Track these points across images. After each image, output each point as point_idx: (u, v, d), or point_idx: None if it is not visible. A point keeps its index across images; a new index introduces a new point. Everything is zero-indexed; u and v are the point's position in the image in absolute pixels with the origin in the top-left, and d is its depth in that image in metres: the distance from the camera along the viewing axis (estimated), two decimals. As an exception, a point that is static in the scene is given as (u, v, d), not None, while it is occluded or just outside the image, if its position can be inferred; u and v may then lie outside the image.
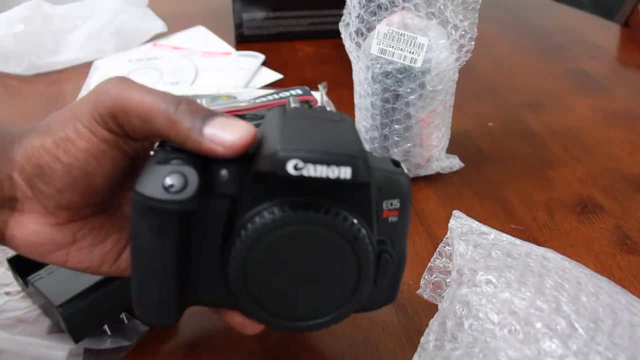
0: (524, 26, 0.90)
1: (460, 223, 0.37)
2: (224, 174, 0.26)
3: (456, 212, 0.38)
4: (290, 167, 0.23)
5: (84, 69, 0.74)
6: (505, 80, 0.73)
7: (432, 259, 0.37)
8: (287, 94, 0.53)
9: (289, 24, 0.83)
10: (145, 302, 0.27)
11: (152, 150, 0.27)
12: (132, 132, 0.27)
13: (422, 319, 0.38)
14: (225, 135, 0.25)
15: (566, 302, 0.30)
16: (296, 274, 0.26)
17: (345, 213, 0.25)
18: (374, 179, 0.27)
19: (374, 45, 0.47)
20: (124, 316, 0.37)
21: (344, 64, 0.53)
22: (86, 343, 0.36)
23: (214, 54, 0.78)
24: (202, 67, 0.74)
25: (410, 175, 0.52)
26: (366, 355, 0.36)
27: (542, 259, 0.33)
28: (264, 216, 0.25)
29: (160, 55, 0.77)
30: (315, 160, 0.23)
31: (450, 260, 0.37)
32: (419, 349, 0.31)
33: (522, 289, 0.30)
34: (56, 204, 0.28)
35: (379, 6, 0.46)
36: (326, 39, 0.83)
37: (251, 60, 0.75)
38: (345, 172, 0.23)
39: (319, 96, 0.59)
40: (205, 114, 0.26)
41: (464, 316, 0.30)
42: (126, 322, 0.37)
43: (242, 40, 0.83)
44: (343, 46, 0.51)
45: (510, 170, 0.55)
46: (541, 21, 0.92)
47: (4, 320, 0.37)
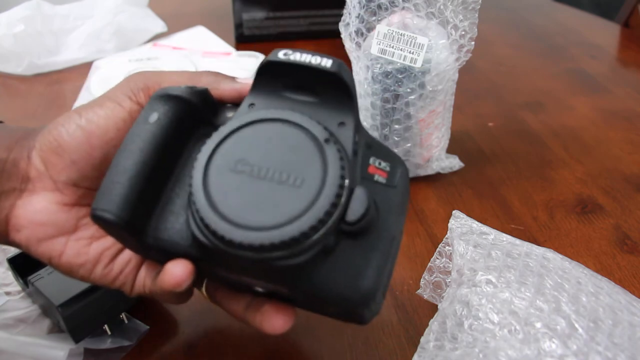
0: (524, 26, 0.90)
1: (460, 223, 0.37)
2: (229, 114, 0.29)
3: (456, 212, 0.38)
4: (281, 54, 0.26)
5: (84, 69, 0.74)
6: (505, 80, 0.73)
7: (432, 259, 0.37)
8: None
9: (289, 24, 0.83)
10: (109, 186, 0.26)
11: None
12: None
13: (422, 319, 0.38)
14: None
15: (566, 302, 0.30)
16: (257, 171, 0.25)
17: (322, 122, 0.26)
18: (363, 132, 0.27)
19: (374, 45, 0.47)
20: (124, 316, 0.37)
21: (344, 64, 0.53)
22: (86, 343, 0.36)
23: (214, 54, 0.78)
24: (202, 67, 0.74)
25: (410, 175, 0.53)
26: (366, 355, 0.36)
27: (542, 259, 0.33)
28: (238, 117, 0.26)
29: (160, 55, 0.77)
30: (303, 51, 0.26)
31: (450, 260, 0.37)
32: (419, 349, 0.31)
33: (522, 289, 0.30)
34: (67, 178, 0.28)
35: (379, 6, 0.46)
36: (326, 39, 0.83)
37: (251, 60, 0.75)
38: (326, 62, 0.26)
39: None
40: (231, 76, 0.30)
41: (463, 316, 0.30)
42: (126, 322, 0.37)
43: (242, 40, 0.83)
44: (343, 46, 0.51)
45: (510, 170, 0.55)
46: (541, 21, 0.92)
47: (4, 320, 0.37)
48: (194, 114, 0.28)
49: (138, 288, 0.30)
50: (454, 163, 0.54)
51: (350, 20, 0.49)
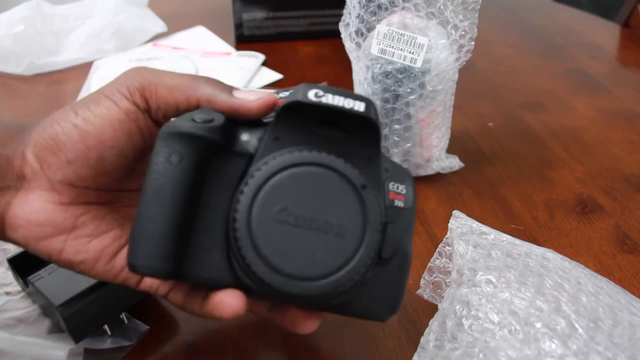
0: (524, 26, 0.90)
1: (460, 223, 0.37)
2: (245, 137, 0.28)
3: (456, 212, 0.38)
4: (311, 95, 0.26)
5: (84, 69, 0.74)
6: (505, 80, 0.73)
7: (432, 259, 0.37)
8: (287, 94, 0.53)
9: (289, 24, 0.83)
10: (143, 239, 0.26)
11: None
12: (155, 105, 0.28)
13: (422, 319, 0.38)
14: (252, 96, 0.28)
15: (566, 302, 0.30)
16: (301, 221, 0.25)
17: (353, 164, 0.26)
18: (382, 157, 0.28)
19: (374, 45, 0.47)
20: (124, 316, 0.37)
21: (344, 64, 0.53)
22: (86, 343, 0.36)
23: (214, 54, 0.78)
24: (202, 67, 0.74)
25: (410, 175, 0.53)
26: (366, 355, 0.36)
27: (542, 259, 0.33)
28: (272, 159, 0.26)
29: (160, 55, 0.77)
30: (334, 91, 0.26)
31: (450, 260, 0.37)
32: (419, 349, 0.31)
33: (522, 289, 0.30)
34: (63, 177, 0.28)
35: (379, 6, 0.46)
36: (326, 39, 0.83)
37: (251, 61, 0.75)
38: (359, 106, 0.26)
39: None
40: (230, 86, 0.29)
41: (463, 316, 0.30)
42: (126, 322, 0.37)
43: (242, 40, 0.83)
44: (343, 46, 0.51)
45: (510, 170, 0.55)
46: (541, 21, 0.92)
47: (4, 320, 0.37)
48: (213, 148, 0.27)
49: (145, 286, 0.30)
50: (454, 163, 0.54)
51: (350, 20, 0.49)
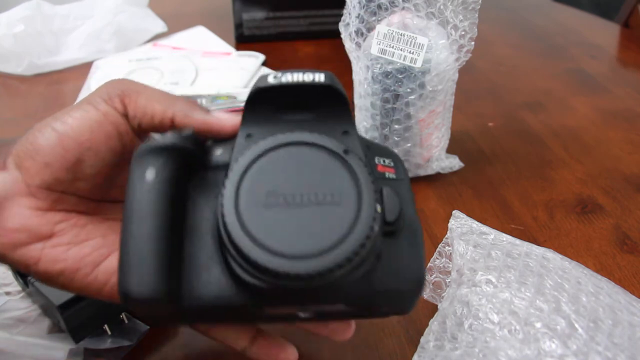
0: (524, 26, 0.90)
1: (460, 223, 0.37)
2: (219, 152, 0.27)
3: (456, 212, 0.38)
4: (270, 78, 0.26)
5: (84, 69, 0.74)
6: (505, 80, 0.73)
7: (432, 259, 0.38)
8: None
9: (289, 24, 0.83)
10: (132, 263, 0.24)
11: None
12: (133, 113, 0.28)
13: (422, 319, 0.38)
14: (227, 116, 0.29)
15: (566, 302, 0.30)
16: (291, 199, 0.24)
17: (330, 136, 0.26)
18: (361, 137, 0.27)
19: (374, 45, 0.47)
20: (124, 316, 0.37)
21: (344, 64, 0.53)
22: (86, 343, 0.36)
23: (214, 54, 0.78)
24: (202, 67, 0.74)
25: (410, 175, 0.53)
26: (366, 355, 0.36)
27: (542, 259, 0.33)
28: (248, 150, 0.25)
29: (160, 56, 0.77)
30: (292, 70, 0.26)
31: (450, 260, 0.37)
32: (419, 349, 0.31)
33: (522, 289, 0.30)
34: (41, 181, 0.27)
35: (379, 6, 0.46)
36: (326, 39, 0.83)
37: (251, 60, 0.75)
38: (319, 77, 0.26)
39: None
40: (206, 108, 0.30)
41: (463, 316, 0.30)
42: (126, 322, 0.37)
43: (242, 40, 0.83)
44: (343, 46, 0.51)
45: (510, 170, 0.55)
46: (541, 21, 0.92)
47: (4, 320, 0.37)
48: (188, 159, 0.26)
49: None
50: (454, 163, 0.54)
51: (350, 20, 0.49)
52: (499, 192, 0.52)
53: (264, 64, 0.75)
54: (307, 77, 0.26)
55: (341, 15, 0.49)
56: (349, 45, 0.50)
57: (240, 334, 0.30)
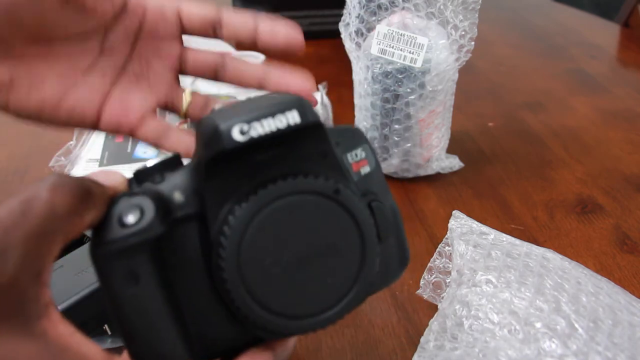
0: (524, 26, 0.90)
1: (460, 223, 0.37)
2: (177, 196, 0.24)
3: (456, 212, 0.38)
4: (236, 134, 0.21)
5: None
6: (505, 80, 0.73)
7: (432, 259, 0.38)
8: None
9: (289, 24, 0.83)
10: (140, 344, 0.23)
11: None
12: None
13: (422, 319, 0.38)
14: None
15: (566, 302, 0.30)
16: (295, 257, 0.23)
17: (313, 171, 0.23)
18: (328, 132, 0.25)
19: (374, 45, 0.47)
20: (124, 316, 0.37)
21: (344, 64, 0.53)
22: (86, 343, 0.36)
23: (214, 54, 0.78)
24: (202, 67, 0.74)
25: (410, 175, 0.53)
26: (366, 355, 0.36)
27: (542, 259, 0.33)
28: (234, 212, 0.23)
29: (160, 55, 0.77)
30: (258, 116, 0.22)
31: (450, 260, 0.37)
32: (419, 349, 0.31)
33: (522, 289, 0.30)
34: None
35: (379, 6, 0.46)
36: (326, 39, 0.83)
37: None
38: (293, 116, 0.22)
39: (319, 96, 0.59)
40: None
41: (463, 316, 0.30)
42: (126, 322, 0.37)
43: (242, 40, 0.83)
44: (343, 46, 0.51)
45: (510, 170, 0.55)
46: (541, 21, 0.92)
47: (4, 320, 0.37)
48: (158, 242, 0.23)
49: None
50: (454, 163, 0.54)
51: (350, 20, 0.49)
52: (499, 192, 0.52)
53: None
54: (280, 123, 0.22)
55: (341, 15, 0.49)
56: (349, 45, 0.50)
57: None
